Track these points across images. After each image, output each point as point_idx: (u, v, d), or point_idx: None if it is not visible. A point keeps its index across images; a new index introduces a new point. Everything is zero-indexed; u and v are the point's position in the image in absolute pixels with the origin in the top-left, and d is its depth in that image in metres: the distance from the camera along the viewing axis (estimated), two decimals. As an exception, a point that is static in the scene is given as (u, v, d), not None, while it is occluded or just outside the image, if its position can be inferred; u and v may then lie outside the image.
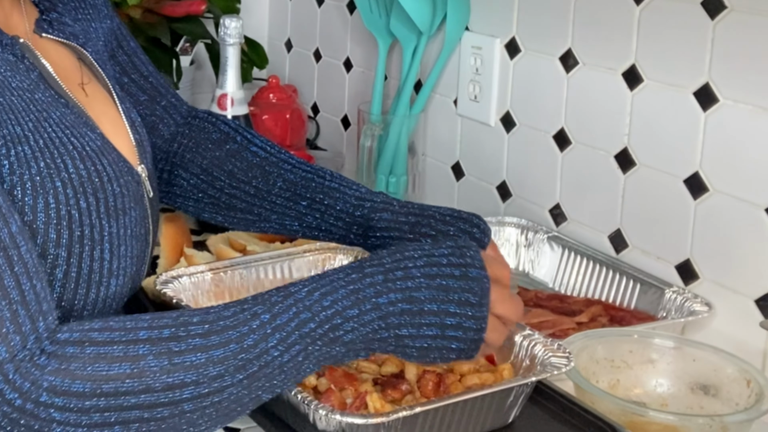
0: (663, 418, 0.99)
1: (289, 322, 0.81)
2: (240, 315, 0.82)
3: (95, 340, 0.77)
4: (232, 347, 0.80)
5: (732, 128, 1.19)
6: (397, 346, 0.86)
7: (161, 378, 0.77)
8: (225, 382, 0.79)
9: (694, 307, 1.20)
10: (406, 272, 0.86)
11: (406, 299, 0.85)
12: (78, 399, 0.75)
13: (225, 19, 1.52)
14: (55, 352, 0.76)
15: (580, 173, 1.41)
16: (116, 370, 0.76)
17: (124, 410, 0.77)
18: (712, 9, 1.20)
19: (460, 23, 1.58)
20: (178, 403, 0.78)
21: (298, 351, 0.82)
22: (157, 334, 0.79)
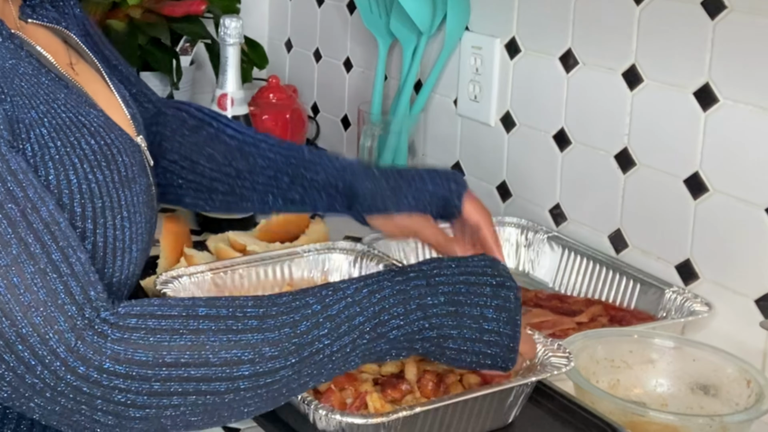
0: (663, 418, 0.99)
1: (340, 314, 0.85)
2: (292, 303, 0.85)
3: (155, 314, 0.80)
4: (286, 331, 0.82)
5: (732, 128, 1.19)
6: (438, 347, 0.89)
7: (220, 353, 0.80)
8: (278, 364, 0.82)
9: (694, 307, 1.20)
10: (447, 278, 0.89)
11: (448, 302, 0.88)
12: (140, 367, 0.78)
13: (225, 19, 1.52)
14: (117, 322, 0.79)
15: (580, 173, 1.41)
16: (177, 342, 0.79)
17: (184, 381, 0.79)
18: (712, 9, 1.20)
19: (460, 23, 1.58)
20: (235, 380, 0.80)
21: (347, 342, 0.85)
22: (215, 312, 0.82)
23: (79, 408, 0.78)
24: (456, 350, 0.90)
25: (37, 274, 0.77)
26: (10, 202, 0.78)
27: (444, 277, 0.89)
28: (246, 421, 1.02)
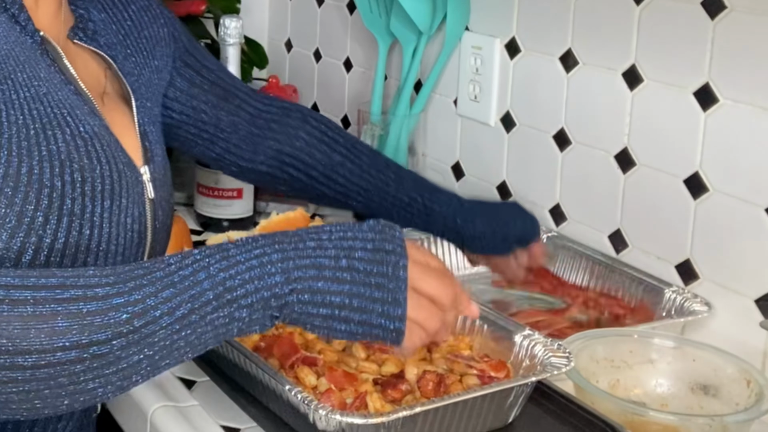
0: (663, 418, 0.99)
1: (184, 279, 0.78)
2: (135, 271, 0.78)
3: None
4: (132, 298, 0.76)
5: (732, 128, 1.19)
6: (301, 314, 0.81)
7: (40, 329, 0.73)
8: (108, 335, 0.74)
9: (694, 307, 1.20)
10: (318, 243, 0.82)
11: (314, 265, 0.81)
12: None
13: (225, 19, 1.52)
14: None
15: (580, 173, 1.41)
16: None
17: None
18: (712, 9, 1.20)
19: (460, 23, 1.58)
20: (58, 357, 0.74)
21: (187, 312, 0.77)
22: (43, 281, 0.76)
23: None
24: (322, 317, 0.82)
25: None
26: None
27: (316, 242, 0.82)
28: (246, 420, 1.02)
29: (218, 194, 1.52)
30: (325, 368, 1.01)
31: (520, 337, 1.04)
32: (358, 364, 1.03)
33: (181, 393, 1.08)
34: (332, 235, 0.83)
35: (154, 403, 1.06)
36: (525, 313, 1.28)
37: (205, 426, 1.02)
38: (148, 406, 1.06)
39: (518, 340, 1.04)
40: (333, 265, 0.82)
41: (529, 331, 1.04)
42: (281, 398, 0.96)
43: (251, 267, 0.80)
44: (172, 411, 1.05)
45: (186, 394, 1.08)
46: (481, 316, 1.10)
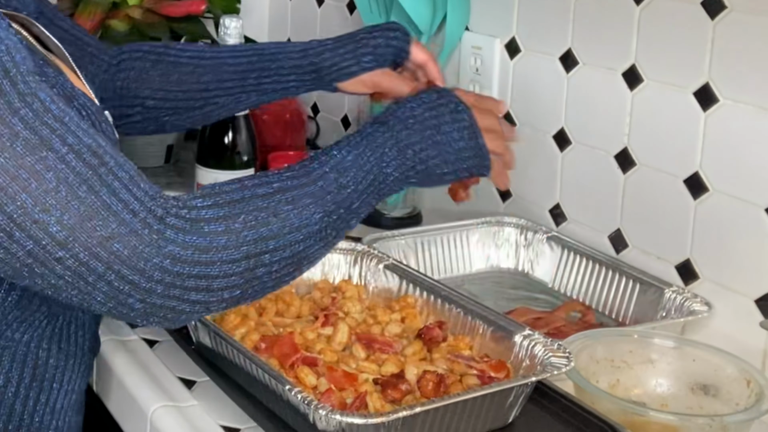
0: (663, 418, 0.99)
1: (351, 167, 0.96)
2: (310, 167, 0.95)
3: (218, 199, 0.88)
4: (321, 186, 0.94)
5: (732, 128, 1.19)
6: (427, 175, 1.01)
7: (289, 219, 0.90)
8: (325, 215, 0.93)
9: (694, 307, 1.20)
10: (416, 118, 1.01)
11: (426, 138, 1.01)
12: (223, 251, 0.86)
13: (225, 19, 1.51)
14: (186, 216, 0.85)
15: (580, 173, 1.41)
16: (249, 219, 0.88)
17: (265, 253, 0.89)
18: (712, 9, 1.20)
19: (460, 23, 1.58)
20: (306, 238, 0.92)
21: (365, 186, 0.97)
22: (267, 184, 0.91)
23: (174, 300, 0.85)
24: (440, 174, 1.02)
25: (95, 198, 0.81)
26: (57, 140, 0.81)
27: (415, 118, 1.01)
28: (246, 420, 1.02)
29: (218, 194, 1.52)
30: (325, 368, 1.01)
31: (520, 337, 1.04)
32: (358, 364, 1.04)
33: (181, 393, 1.08)
34: (417, 117, 1.01)
35: (154, 403, 1.06)
36: (523, 309, 1.28)
37: (205, 426, 1.02)
38: (148, 406, 1.06)
39: (518, 340, 1.04)
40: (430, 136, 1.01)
41: (529, 331, 1.04)
42: (281, 398, 0.96)
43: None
44: (172, 411, 1.05)
45: (186, 394, 1.08)
46: (481, 316, 1.10)
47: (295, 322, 1.13)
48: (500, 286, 1.40)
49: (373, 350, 1.06)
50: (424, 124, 1.01)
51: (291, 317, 1.14)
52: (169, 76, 1.25)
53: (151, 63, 1.26)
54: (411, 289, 1.18)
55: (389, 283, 1.20)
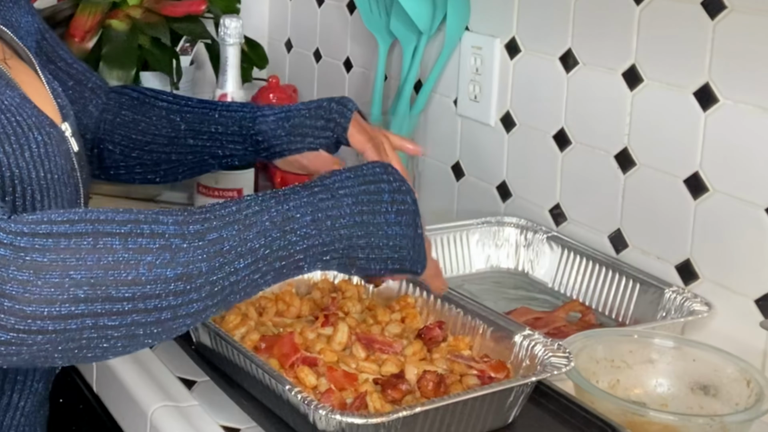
0: (663, 418, 0.99)
1: (251, 226, 0.83)
2: (204, 215, 0.82)
3: (55, 227, 0.76)
4: (210, 239, 0.80)
5: (732, 128, 1.19)
6: (347, 258, 0.89)
7: (149, 269, 0.77)
8: (202, 279, 0.79)
9: (694, 307, 1.20)
10: (349, 189, 0.89)
11: (353, 213, 0.88)
12: (50, 289, 0.73)
13: (225, 19, 1.52)
14: (12, 242, 0.74)
15: (580, 173, 1.42)
16: (89, 259, 0.75)
17: (102, 302, 0.75)
18: (712, 9, 1.20)
19: (460, 23, 1.58)
20: (165, 297, 0.78)
21: (260, 254, 0.83)
22: (128, 217, 0.79)
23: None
24: (365, 259, 0.90)
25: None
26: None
27: (346, 189, 0.89)
28: (246, 420, 1.02)
29: (218, 194, 1.52)
30: (325, 368, 1.01)
31: (520, 337, 1.04)
32: (358, 364, 1.03)
33: (181, 393, 1.08)
34: (349, 189, 0.90)
35: (154, 403, 1.06)
36: (523, 309, 1.28)
37: (205, 426, 1.02)
38: (148, 406, 1.06)
39: (518, 340, 1.04)
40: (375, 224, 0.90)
41: (529, 331, 1.04)
42: (281, 398, 0.96)
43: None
44: (172, 411, 1.05)
45: (186, 394, 1.08)
46: (481, 315, 1.10)
47: (295, 322, 1.13)
48: (500, 286, 1.40)
49: (373, 350, 1.06)
50: (356, 198, 0.88)
51: (291, 317, 1.14)
52: (139, 124, 1.24)
53: (129, 107, 1.25)
54: (411, 289, 1.18)
55: (389, 283, 1.20)
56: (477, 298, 1.24)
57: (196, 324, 0.82)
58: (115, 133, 1.25)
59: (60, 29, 1.72)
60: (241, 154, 1.20)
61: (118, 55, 1.67)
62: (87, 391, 1.25)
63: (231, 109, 1.21)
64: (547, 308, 1.32)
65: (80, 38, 1.69)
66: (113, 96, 1.28)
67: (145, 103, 1.25)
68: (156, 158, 1.23)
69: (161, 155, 1.23)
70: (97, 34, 1.70)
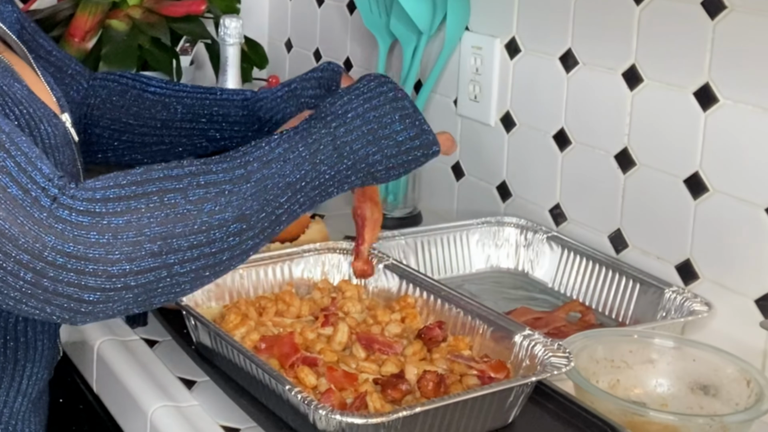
0: (663, 418, 0.99)
1: (285, 163, 0.90)
2: (242, 158, 0.89)
3: (120, 188, 0.83)
4: (255, 180, 0.88)
5: (732, 128, 1.19)
6: (370, 174, 0.96)
7: (205, 216, 0.84)
8: (256, 216, 0.87)
9: (694, 307, 1.20)
10: (356, 112, 0.95)
11: (366, 132, 0.95)
12: (125, 247, 0.81)
13: (225, 19, 1.52)
14: (82, 207, 0.81)
15: (580, 173, 1.41)
16: (156, 215, 0.82)
17: (174, 252, 0.83)
18: (712, 9, 1.20)
19: (460, 23, 1.58)
20: (225, 239, 0.86)
21: (300, 186, 0.90)
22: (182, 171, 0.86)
23: (70, 286, 0.80)
24: (384, 170, 0.96)
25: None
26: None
27: (353, 112, 0.95)
28: (246, 420, 1.02)
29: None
30: (325, 368, 1.01)
31: (520, 337, 1.04)
32: (358, 364, 1.04)
33: (181, 393, 1.08)
34: (356, 110, 0.95)
35: (154, 403, 1.06)
36: (523, 309, 1.28)
37: (205, 426, 1.02)
38: (148, 406, 1.06)
39: (518, 340, 1.04)
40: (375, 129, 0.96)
41: (529, 331, 1.04)
42: (281, 398, 0.96)
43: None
44: (172, 411, 1.05)
45: (186, 394, 1.08)
46: (481, 315, 1.10)
47: (295, 322, 1.13)
48: (500, 286, 1.40)
49: (373, 350, 1.06)
50: (364, 118, 0.95)
51: (291, 317, 1.14)
52: (129, 109, 1.26)
53: (118, 92, 1.28)
54: (411, 289, 1.18)
55: (389, 283, 1.20)
56: (477, 298, 1.24)
57: (248, 258, 0.91)
58: (104, 117, 1.27)
59: (60, 29, 1.72)
60: (242, 137, 1.23)
61: (118, 55, 1.67)
62: (87, 391, 1.25)
63: (231, 93, 1.25)
64: (547, 308, 1.32)
65: (80, 38, 1.69)
66: (99, 82, 1.30)
67: (135, 88, 1.27)
68: (145, 140, 1.26)
69: (153, 138, 1.26)
70: (97, 34, 1.70)
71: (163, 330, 1.17)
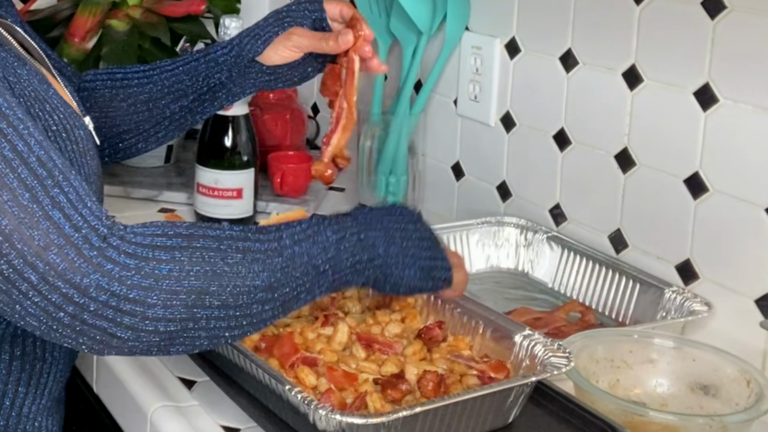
0: (663, 418, 0.99)
1: (316, 254, 0.94)
2: (273, 237, 0.93)
3: (165, 240, 0.87)
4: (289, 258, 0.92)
5: (732, 128, 1.19)
6: (383, 282, 1.00)
7: (239, 280, 0.88)
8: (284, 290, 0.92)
9: (694, 307, 1.20)
10: (381, 224, 1.00)
11: (388, 248, 0.99)
12: (161, 293, 0.84)
13: (225, 19, 1.52)
14: (129, 251, 0.84)
15: (580, 173, 1.41)
16: (195, 268, 0.87)
17: (204, 307, 0.87)
18: (712, 9, 1.20)
19: (460, 23, 1.58)
20: (251, 305, 0.90)
21: (323, 280, 0.95)
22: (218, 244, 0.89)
23: (106, 321, 0.83)
24: (398, 275, 1.00)
25: (37, 207, 0.81)
26: (6, 145, 0.81)
27: (378, 220, 1.00)
28: (246, 420, 1.02)
29: (218, 194, 1.52)
30: (325, 368, 1.01)
31: (520, 337, 1.04)
32: (358, 364, 1.03)
33: (181, 393, 1.08)
34: (382, 221, 1.00)
35: (154, 403, 1.06)
36: (523, 309, 1.28)
37: (205, 426, 1.02)
38: (148, 406, 1.06)
39: (518, 340, 1.04)
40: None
41: (529, 331, 1.04)
42: (281, 398, 0.96)
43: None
44: (172, 411, 1.05)
45: (186, 394, 1.08)
46: (481, 316, 1.10)
47: (295, 322, 1.13)
48: (500, 286, 1.40)
49: (373, 350, 1.06)
50: (389, 227, 1.00)
51: (291, 317, 1.14)
52: (117, 95, 1.26)
53: (104, 85, 1.28)
54: (411, 289, 1.18)
55: (389, 283, 1.20)
56: (477, 298, 1.24)
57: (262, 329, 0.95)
58: (94, 110, 1.27)
59: (60, 29, 1.72)
60: (226, 77, 1.24)
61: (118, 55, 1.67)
62: (87, 391, 1.25)
63: (207, 49, 1.26)
64: (547, 308, 1.32)
65: (80, 38, 1.69)
66: (86, 81, 1.30)
67: (119, 73, 1.28)
68: (139, 118, 1.26)
69: (144, 114, 1.26)
70: (97, 34, 1.70)
71: (163, 330, 1.17)
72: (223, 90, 1.26)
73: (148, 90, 1.25)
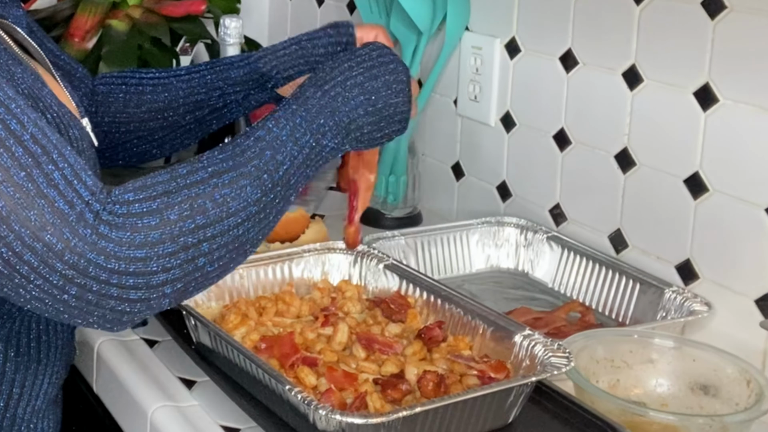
0: (663, 418, 0.99)
1: (287, 139, 0.94)
2: (245, 142, 0.92)
3: (148, 190, 0.86)
4: (255, 164, 0.91)
5: (732, 128, 1.19)
6: (359, 141, 1.00)
7: (215, 199, 0.87)
8: (260, 193, 0.90)
9: (694, 307, 1.20)
10: (354, 80, 0.99)
11: (363, 102, 0.99)
12: (157, 246, 0.84)
13: (225, 19, 1.51)
14: (119, 211, 0.84)
15: (580, 173, 1.41)
16: (178, 204, 0.86)
17: (197, 233, 0.86)
18: (712, 9, 1.20)
19: (460, 23, 1.58)
20: (236, 215, 0.89)
21: (300, 159, 0.94)
22: (193, 167, 0.89)
23: (112, 299, 0.83)
24: (371, 139, 1.00)
25: (32, 186, 0.81)
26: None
27: (353, 80, 0.99)
28: (246, 420, 1.02)
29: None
30: (325, 368, 1.01)
31: (520, 337, 1.04)
32: (358, 364, 1.04)
33: (181, 393, 1.08)
34: (355, 79, 0.99)
35: (154, 403, 1.06)
36: (523, 309, 1.28)
37: (205, 426, 1.02)
38: (148, 406, 1.06)
39: (518, 340, 1.04)
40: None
41: (529, 331, 1.04)
42: (281, 398, 0.96)
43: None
44: (172, 411, 1.05)
45: (186, 394, 1.08)
46: (481, 315, 1.10)
47: (295, 322, 1.13)
48: (500, 286, 1.40)
49: (373, 350, 1.06)
50: (363, 88, 0.99)
51: (291, 317, 1.14)
52: (131, 100, 1.26)
53: (118, 88, 1.28)
54: (411, 289, 1.18)
55: (389, 283, 1.20)
56: (477, 298, 1.24)
57: (250, 257, 0.95)
58: (108, 114, 1.27)
59: (60, 29, 1.72)
60: (243, 97, 1.24)
61: (118, 55, 1.67)
62: (87, 391, 1.25)
63: (230, 57, 1.26)
64: (547, 308, 1.32)
65: (80, 38, 1.69)
66: (100, 84, 1.30)
67: (135, 78, 1.28)
68: (152, 126, 1.26)
69: (157, 122, 1.26)
70: (97, 34, 1.70)
71: (163, 330, 1.17)
72: (238, 107, 1.26)
73: (162, 99, 1.25)
